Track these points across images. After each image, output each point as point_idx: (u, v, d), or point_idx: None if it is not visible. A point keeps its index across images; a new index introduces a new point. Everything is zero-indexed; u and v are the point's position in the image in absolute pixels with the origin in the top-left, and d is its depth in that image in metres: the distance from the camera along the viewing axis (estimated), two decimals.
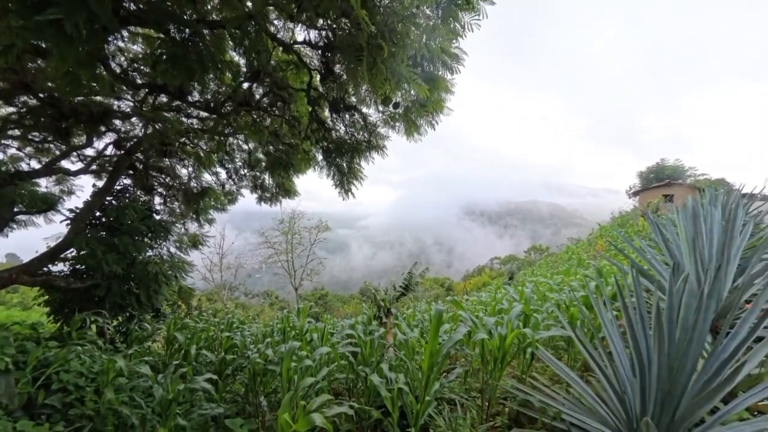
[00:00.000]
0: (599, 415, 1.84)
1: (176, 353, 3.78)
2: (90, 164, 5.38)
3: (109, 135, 5.15)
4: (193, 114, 4.98)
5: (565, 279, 5.93)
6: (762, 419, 1.55)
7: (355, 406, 2.35)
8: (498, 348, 2.53)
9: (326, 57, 3.61)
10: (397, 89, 3.06)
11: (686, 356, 1.60)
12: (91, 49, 2.31)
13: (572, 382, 2.06)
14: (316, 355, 2.83)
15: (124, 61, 4.11)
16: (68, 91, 2.78)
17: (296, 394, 2.11)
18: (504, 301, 4.79)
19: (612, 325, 2.11)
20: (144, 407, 2.43)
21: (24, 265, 4.19)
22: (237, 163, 6.14)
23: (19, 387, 2.21)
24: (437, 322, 2.34)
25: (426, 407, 2.31)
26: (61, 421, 2.16)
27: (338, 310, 16.02)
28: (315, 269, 16.77)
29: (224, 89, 4.25)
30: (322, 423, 1.80)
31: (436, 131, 4.18)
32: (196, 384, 2.53)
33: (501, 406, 2.62)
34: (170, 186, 6.02)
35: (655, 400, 1.64)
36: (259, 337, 4.31)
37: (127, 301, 4.50)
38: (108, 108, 4.50)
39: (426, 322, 4.71)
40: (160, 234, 5.17)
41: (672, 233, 3.33)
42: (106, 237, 4.51)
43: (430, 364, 2.33)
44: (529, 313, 3.07)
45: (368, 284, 5.78)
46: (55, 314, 4.30)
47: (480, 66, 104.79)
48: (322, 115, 4.61)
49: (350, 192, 4.83)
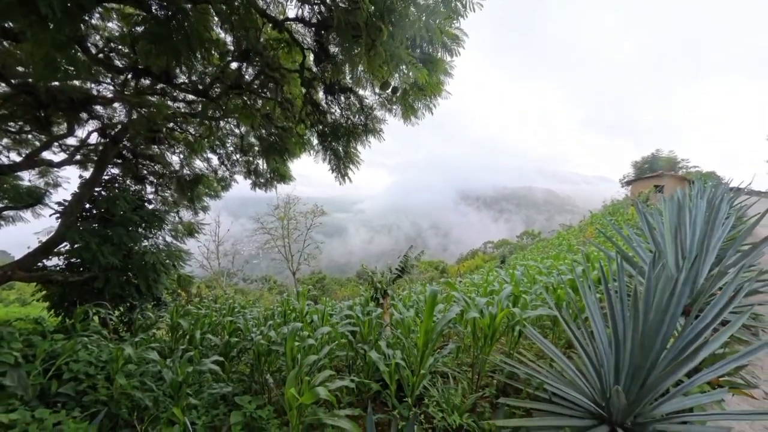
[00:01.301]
0: (578, 386, 2.03)
1: (181, 339, 3.88)
2: (74, 154, 5.17)
3: (91, 123, 4.91)
4: (179, 97, 4.76)
5: (554, 263, 6.15)
6: (719, 391, 1.76)
7: (355, 380, 2.52)
8: (488, 326, 2.68)
9: (320, 36, 3.43)
10: (395, 72, 2.97)
11: (658, 335, 1.77)
12: (67, 31, 2.16)
13: (555, 357, 2.24)
14: (318, 334, 2.96)
15: (100, 40, 3.83)
16: (44, 76, 2.62)
17: (300, 371, 2.23)
18: (495, 283, 4.99)
19: (595, 307, 2.27)
20: (155, 390, 2.54)
21: (18, 262, 4.15)
22: (229, 149, 5.98)
23: (30, 379, 2.28)
24: (432, 302, 2.45)
25: (421, 380, 2.48)
26: (76, 408, 2.26)
27: (336, 292, 16.41)
28: (312, 254, 16.93)
29: (211, 70, 4.04)
30: (326, 395, 1.93)
31: (433, 115, 4.11)
32: (204, 366, 2.64)
33: (490, 378, 2.81)
34: (161, 174, 5.86)
35: (627, 373, 1.82)
36: (261, 320, 4.44)
37: (126, 291, 4.54)
38: (88, 94, 4.26)
39: (421, 302, 4.90)
40: (154, 224, 5.12)
41: (658, 222, 3.48)
42: (99, 229, 4.44)
43: (425, 341, 2.48)
44: (518, 294, 3.22)
45: (365, 267, 5.90)
46: (56, 308, 4.32)
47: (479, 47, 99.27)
48: (316, 97, 4.45)
49: (347, 176, 4.77)
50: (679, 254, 2.87)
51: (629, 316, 1.85)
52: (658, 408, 1.75)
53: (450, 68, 3.54)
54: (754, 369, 2.81)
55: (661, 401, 1.76)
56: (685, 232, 3.10)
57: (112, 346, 2.87)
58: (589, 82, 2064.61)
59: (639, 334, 1.77)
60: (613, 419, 1.75)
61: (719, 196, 3.98)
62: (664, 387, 1.72)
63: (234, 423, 2.19)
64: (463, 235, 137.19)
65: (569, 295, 2.97)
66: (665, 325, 1.76)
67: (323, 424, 2.18)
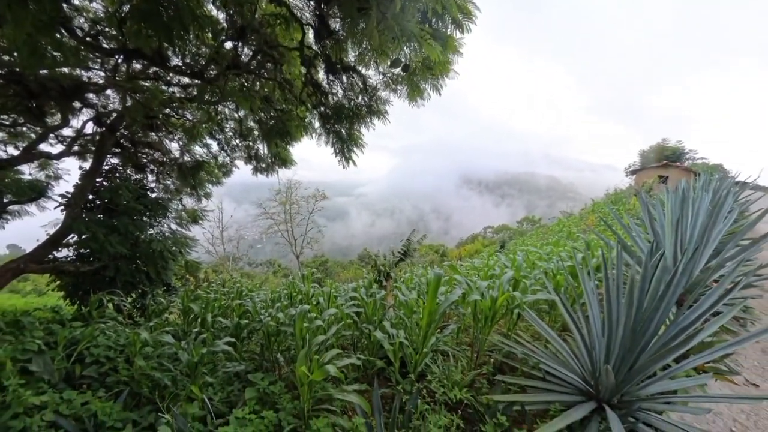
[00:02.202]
0: (571, 366, 2.13)
1: (193, 322, 4.03)
2: (71, 145, 5.09)
3: (86, 112, 4.79)
4: (174, 81, 4.60)
5: (554, 249, 6.18)
6: (703, 376, 1.85)
7: (362, 358, 2.64)
8: (489, 308, 2.75)
9: (320, 9, 3.23)
10: (405, 49, 2.78)
11: (650, 321, 1.84)
12: (49, 9, 2.06)
13: (551, 339, 2.34)
14: (325, 316, 3.07)
15: (86, 23, 3.65)
16: (31, 63, 2.52)
17: (310, 350, 2.33)
18: (496, 267, 5.06)
19: (593, 293, 2.34)
20: (173, 370, 2.69)
21: (29, 254, 4.22)
22: (228, 134, 5.86)
23: (55, 364, 2.41)
24: (436, 284, 2.50)
25: (423, 358, 2.59)
26: (100, 389, 2.39)
27: (339, 275, 16.77)
28: (314, 237, 17.13)
29: (206, 51, 3.86)
30: (335, 373, 2.04)
31: (441, 96, 3.88)
32: (217, 347, 2.78)
33: (488, 357, 2.91)
34: (161, 162, 5.81)
35: (618, 355, 1.91)
36: (269, 303, 4.59)
37: (137, 278, 4.65)
38: (79, 81, 4.13)
39: (423, 285, 5.01)
40: (157, 212, 5.15)
41: (659, 213, 3.46)
42: (104, 219, 4.48)
43: (428, 321, 2.56)
44: (519, 279, 3.29)
45: (368, 250, 5.98)
46: (71, 297, 4.43)
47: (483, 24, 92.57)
48: (316, 77, 4.26)
49: (351, 160, 4.67)
50: (679, 246, 2.88)
51: (624, 303, 1.91)
52: (645, 389, 1.85)
53: (459, 46, 3.30)
54: (738, 357, 2.92)
55: (648, 383, 1.86)
56: (687, 224, 3.10)
57: (129, 330, 2.99)
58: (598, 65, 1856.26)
59: (632, 319, 1.85)
60: (601, 396, 1.85)
61: (724, 190, 3.93)
62: (652, 370, 1.82)
63: (249, 398, 2.32)
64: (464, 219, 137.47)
65: (568, 281, 3.03)
66: (659, 313, 1.84)
67: (331, 397, 2.32)
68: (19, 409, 1.94)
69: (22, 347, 2.36)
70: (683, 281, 1.99)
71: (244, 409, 2.10)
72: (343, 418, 2.15)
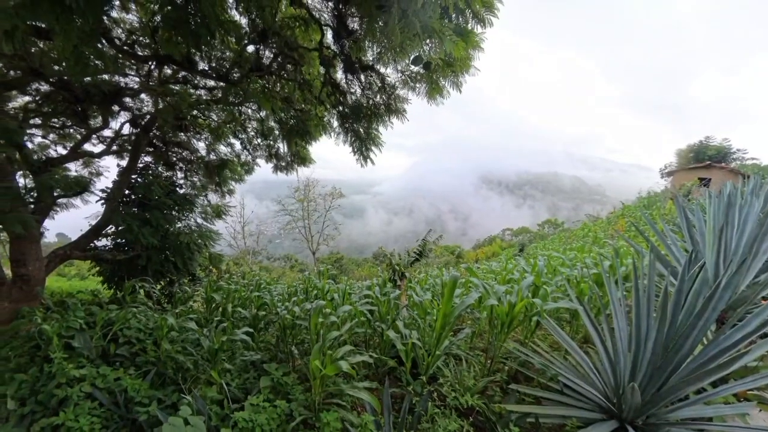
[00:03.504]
0: (591, 381, 2.01)
1: (215, 311, 4.25)
2: (110, 145, 5.55)
3: (123, 114, 5.20)
4: (200, 85, 4.87)
5: (578, 255, 5.86)
6: (746, 405, 1.66)
7: (374, 356, 2.65)
8: (506, 314, 2.65)
9: (339, 9, 3.27)
10: (425, 46, 2.75)
11: (685, 339, 1.68)
12: (92, 22, 2.24)
13: (571, 350, 2.21)
14: (340, 312, 3.12)
15: (123, 33, 3.98)
16: (77, 71, 2.77)
17: (323, 345, 2.39)
18: (515, 271, 4.88)
19: (620, 304, 2.18)
20: (195, 354, 2.86)
21: (74, 243, 4.65)
22: (250, 133, 6.10)
23: (93, 342, 2.65)
24: (452, 286, 2.46)
25: (436, 360, 2.56)
26: (131, 367, 2.61)
27: (353, 272, 16.96)
28: (331, 234, 17.43)
29: (229, 55, 4.05)
30: (347, 369, 2.06)
31: (461, 93, 3.78)
32: (236, 336, 2.91)
33: (502, 364, 2.82)
34: (189, 160, 6.17)
35: (645, 372, 1.77)
36: (285, 296, 4.73)
37: (165, 268, 4.99)
38: (117, 86, 4.49)
39: (437, 286, 4.95)
40: (185, 207, 5.49)
41: (699, 220, 3.16)
42: (138, 213, 4.84)
43: (442, 324, 2.52)
44: (539, 285, 3.14)
45: (383, 249, 5.96)
46: (108, 282, 4.86)
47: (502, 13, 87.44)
48: (335, 77, 4.32)
49: (369, 159, 4.69)
50: (722, 257, 2.61)
51: (655, 317, 1.76)
52: (675, 413, 1.71)
53: (481, 41, 3.18)
54: None
55: (678, 406, 1.72)
56: (732, 234, 2.81)
57: (157, 315, 3.21)
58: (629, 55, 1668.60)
59: (663, 335, 1.71)
60: (624, 416, 1.74)
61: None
62: (684, 393, 1.68)
63: (263, 386, 2.42)
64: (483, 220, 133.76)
65: (593, 289, 2.85)
66: (696, 330, 1.67)
67: (342, 393, 2.35)
68: (62, 379, 2.15)
69: (67, 325, 2.61)
70: (726, 297, 1.78)
71: (259, 397, 2.19)
72: (352, 414, 2.18)
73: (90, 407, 2.06)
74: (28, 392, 2.14)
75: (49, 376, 2.18)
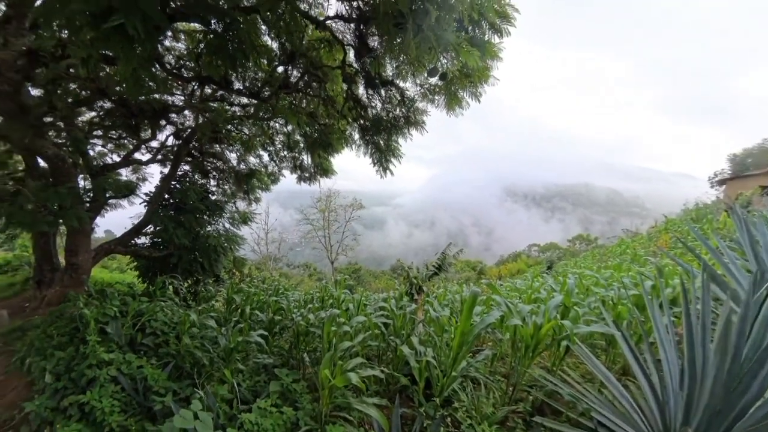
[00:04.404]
0: (632, 421, 1.75)
1: (234, 312, 4.41)
2: (156, 154, 6.26)
3: (168, 128, 5.88)
4: (235, 102, 5.37)
5: (614, 274, 5.37)
6: None
7: (385, 371, 2.55)
8: (531, 336, 2.47)
9: (360, 30, 3.48)
10: (442, 58, 2.84)
11: (752, 377, 1.42)
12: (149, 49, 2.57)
13: (608, 382, 1.95)
14: (353, 322, 3.08)
15: (172, 59, 4.58)
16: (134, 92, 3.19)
17: (335, 354, 2.36)
18: (542, 290, 4.56)
19: (667, 331, 1.91)
20: (211, 352, 2.96)
21: (118, 239, 5.22)
22: (277, 146, 6.53)
23: (123, 330, 2.86)
24: (471, 303, 2.31)
25: (451, 381, 2.40)
26: (153, 357, 2.78)
27: (370, 284, 16.83)
28: (350, 245, 17.59)
29: (261, 75, 4.43)
30: (357, 382, 2.01)
31: (480, 103, 3.82)
32: (251, 338, 2.97)
33: (526, 393, 2.59)
34: (222, 170, 6.70)
35: (702, 417, 1.50)
36: (302, 303, 4.79)
37: (193, 267, 5.33)
38: (165, 104, 5.12)
39: (456, 302, 4.75)
40: (215, 212, 5.89)
41: (765, 235, 2.76)
42: (174, 215, 5.30)
43: (460, 342, 2.36)
44: (569, 306, 2.87)
45: (401, 261, 5.90)
46: (143, 277, 5.32)
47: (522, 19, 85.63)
48: (357, 92, 4.56)
49: (388, 170, 4.83)
50: None
51: (714, 349, 1.50)
52: None
53: (499, 51, 3.24)
54: None
55: None
56: None
57: (182, 311, 3.39)
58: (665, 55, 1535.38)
59: (724, 372, 1.44)
60: None
61: None
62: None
63: (272, 390, 2.42)
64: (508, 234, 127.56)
65: (633, 313, 2.56)
66: (766, 368, 1.41)
67: (350, 407, 2.28)
68: (93, 361, 2.33)
69: (103, 312, 2.85)
70: None
71: (267, 401, 2.18)
72: (359, 430, 2.09)
73: (113, 390, 2.21)
74: (63, 369, 2.35)
75: (83, 356, 2.38)
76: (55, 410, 2.14)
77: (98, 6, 1.98)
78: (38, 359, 2.52)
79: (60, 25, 2.76)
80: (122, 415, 2.14)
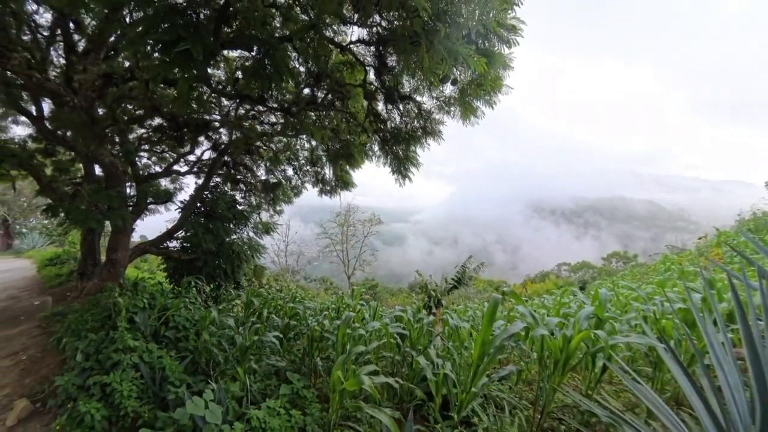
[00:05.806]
0: None
1: (252, 315, 4.49)
2: (193, 167, 6.91)
3: (205, 143, 6.52)
4: (265, 121, 5.87)
5: (657, 290, 4.78)
6: None
7: (400, 381, 2.41)
8: (560, 349, 2.23)
9: (379, 51, 3.78)
10: (453, 67, 3.01)
11: None
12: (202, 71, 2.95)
13: (658, 411, 1.64)
14: (368, 327, 3.00)
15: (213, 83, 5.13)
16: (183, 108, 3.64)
17: (348, 358, 2.29)
18: (572, 304, 4.18)
19: (726, 351, 1.64)
20: (227, 350, 3.00)
21: (152, 241, 5.66)
22: (301, 161, 6.94)
23: (150, 321, 3.01)
24: (493, 310, 2.16)
25: (471, 399, 2.20)
26: (173, 350, 2.88)
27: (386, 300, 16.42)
28: (368, 260, 17.50)
29: (290, 97, 4.89)
30: (369, 387, 1.91)
31: (494, 111, 3.98)
32: (267, 337, 2.98)
33: (556, 420, 2.31)
34: (250, 182, 7.17)
35: None
36: (317, 311, 4.77)
37: (217, 272, 5.60)
38: (205, 121, 5.70)
39: (478, 318, 4.47)
40: (241, 221, 6.23)
41: None
42: (204, 222, 5.69)
43: (480, 353, 2.19)
44: (603, 318, 2.53)
45: (419, 273, 5.76)
46: (171, 277, 5.66)
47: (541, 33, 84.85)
48: (376, 108, 4.88)
49: (407, 177, 4.97)
50: None
51: None
52: None
53: (509, 60, 3.44)
54: None
55: None
56: None
57: (203, 310, 3.51)
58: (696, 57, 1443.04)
59: None
60: None
61: None
62: None
63: (282, 394, 2.37)
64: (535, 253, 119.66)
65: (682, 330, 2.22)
66: None
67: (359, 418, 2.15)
68: (120, 345, 2.46)
69: (134, 302, 3.03)
70: None
71: (277, 402, 2.14)
72: None
73: (133, 376, 2.30)
74: (93, 350, 2.54)
75: (111, 341, 2.54)
76: (80, 388, 2.30)
77: (170, 36, 2.43)
78: (73, 339, 2.73)
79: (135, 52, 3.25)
80: (138, 401, 2.20)
